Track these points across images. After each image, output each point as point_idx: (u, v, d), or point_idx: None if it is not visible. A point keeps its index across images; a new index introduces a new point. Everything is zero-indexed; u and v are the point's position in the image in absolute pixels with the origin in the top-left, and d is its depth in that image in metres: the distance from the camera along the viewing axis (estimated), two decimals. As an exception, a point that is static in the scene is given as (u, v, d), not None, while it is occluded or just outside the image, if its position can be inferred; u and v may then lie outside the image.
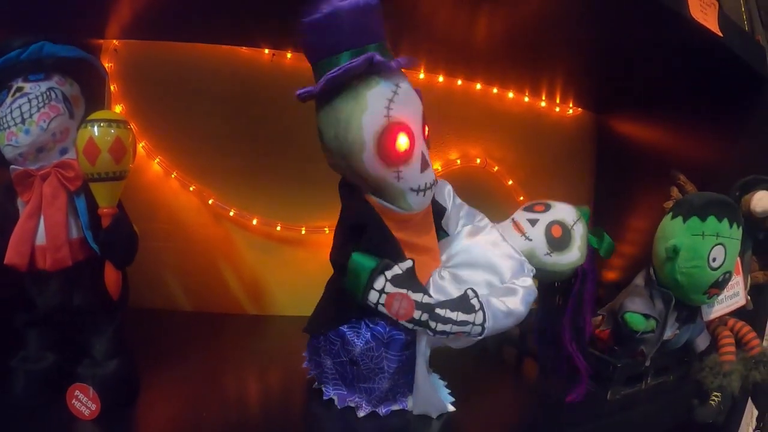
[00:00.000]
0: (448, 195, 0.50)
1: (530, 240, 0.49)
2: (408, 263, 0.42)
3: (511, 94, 0.88)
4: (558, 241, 0.49)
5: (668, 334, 0.55)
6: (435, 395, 0.46)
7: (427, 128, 0.43)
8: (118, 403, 0.42)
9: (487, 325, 0.41)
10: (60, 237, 0.42)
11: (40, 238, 0.42)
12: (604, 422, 0.51)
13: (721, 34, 0.58)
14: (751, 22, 0.89)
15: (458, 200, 0.51)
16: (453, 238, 0.48)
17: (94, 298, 0.44)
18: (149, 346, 0.56)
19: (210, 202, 0.73)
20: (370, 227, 0.42)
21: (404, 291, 0.40)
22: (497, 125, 0.88)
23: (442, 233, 0.49)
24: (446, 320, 0.40)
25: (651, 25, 0.57)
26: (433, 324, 0.41)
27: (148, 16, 0.62)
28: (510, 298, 0.44)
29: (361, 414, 0.45)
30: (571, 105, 0.94)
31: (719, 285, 0.52)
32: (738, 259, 0.59)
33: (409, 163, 0.40)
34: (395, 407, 0.46)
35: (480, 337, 0.42)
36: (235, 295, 0.76)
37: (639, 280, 0.56)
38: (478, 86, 0.85)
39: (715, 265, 0.51)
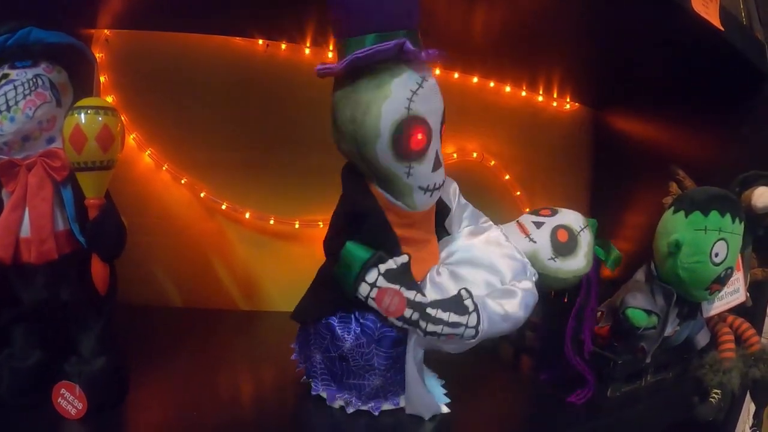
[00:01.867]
0: (453, 194, 0.49)
1: (534, 242, 0.47)
2: (404, 258, 0.41)
3: (508, 88, 0.87)
4: (563, 246, 0.47)
5: (669, 330, 0.55)
6: (427, 396, 0.44)
7: (444, 126, 0.42)
8: (106, 402, 0.41)
9: (481, 327, 0.40)
10: (45, 229, 0.41)
11: (25, 231, 0.41)
12: (604, 419, 0.51)
13: (722, 28, 0.58)
14: (750, 19, 0.89)
15: (463, 200, 0.50)
16: (454, 237, 0.48)
17: (81, 292, 0.42)
18: (139, 342, 0.55)
19: (202, 195, 0.73)
20: (371, 218, 0.41)
21: (397, 287, 0.39)
22: (494, 119, 0.87)
23: (443, 233, 0.48)
24: (437, 321, 0.39)
25: (652, 17, 0.57)
26: (423, 324, 0.39)
27: (140, 6, 0.61)
28: (508, 300, 0.42)
29: (350, 411, 0.44)
30: (568, 99, 0.94)
31: (721, 281, 0.52)
32: (739, 255, 0.58)
33: (422, 161, 0.39)
34: (387, 406, 0.45)
35: (473, 341, 0.41)
36: (227, 291, 0.76)
37: (640, 275, 0.56)
38: (475, 80, 0.84)
39: (717, 260, 0.50)
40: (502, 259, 0.45)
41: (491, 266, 0.44)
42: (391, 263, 0.40)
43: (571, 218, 0.49)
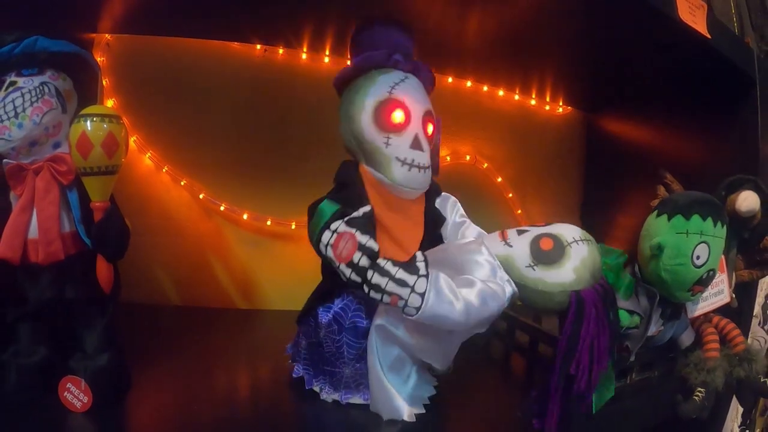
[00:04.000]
0: (451, 207, 0.50)
1: (510, 246, 0.43)
2: (367, 207, 0.43)
3: (501, 92, 0.89)
4: (545, 254, 0.42)
5: (653, 330, 0.55)
6: (388, 397, 0.43)
7: (431, 126, 0.47)
8: (110, 396, 0.43)
9: (427, 297, 0.37)
10: (52, 231, 0.42)
11: (33, 232, 0.42)
12: (588, 416, 0.52)
13: (709, 36, 0.59)
14: (741, 24, 0.90)
15: (463, 215, 0.50)
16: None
17: (85, 291, 0.44)
18: (140, 340, 0.57)
19: (201, 196, 0.74)
20: (351, 186, 0.45)
21: (353, 230, 0.40)
22: (487, 123, 0.89)
23: (439, 241, 0.49)
24: (384, 272, 0.38)
25: (640, 25, 0.58)
26: (369, 274, 0.38)
27: (140, 11, 0.62)
28: (465, 288, 0.39)
29: (323, 397, 0.46)
30: (560, 103, 0.95)
31: (703, 282, 0.52)
32: (722, 257, 0.59)
33: (400, 135, 0.45)
34: (356, 399, 0.46)
35: (415, 314, 0.37)
36: (225, 290, 0.77)
37: None
38: (469, 84, 0.86)
39: (698, 262, 0.51)
40: (471, 258, 0.42)
41: (460, 266, 0.42)
42: (356, 213, 0.42)
43: (564, 230, 0.44)
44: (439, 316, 0.38)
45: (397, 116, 0.44)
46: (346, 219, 0.41)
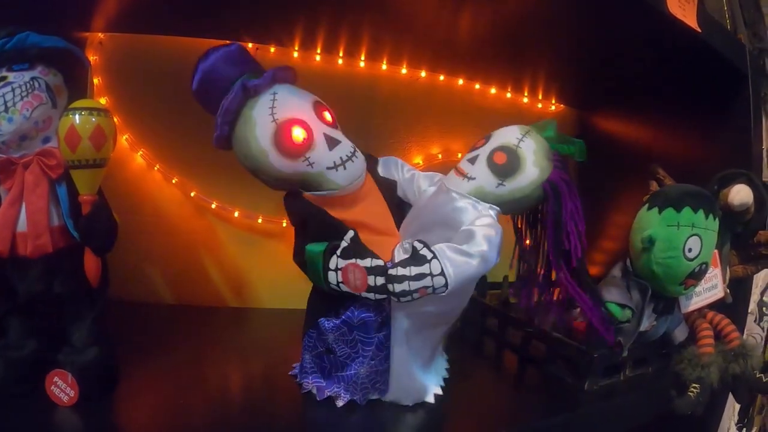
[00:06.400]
0: (395, 167, 0.52)
1: (473, 179, 0.44)
2: (350, 233, 0.43)
3: (493, 90, 0.89)
4: (505, 167, 0.44)
5: (645, 325, 0.55)
6: (413, 381, 0.45)
7: (327, 113, 0.45)
8: (97, 390, 0.43)
9: (447, 272, 0.39)
10: (41, 224, 0.42)
11: (22, 225, 0.42)
12: (582, 411, 0.51)
13: (699, 30, 0.59)
14: (734, 20, 0.91)
15: (409, 169, 0.52)
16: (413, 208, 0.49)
17: (74, 284, 0.44)
18: (131, 337, 0.57)
19: (192, 194, 0.74)
20: (311, 218, 0.44)
21: (353, 261, 0.41)
22: (479, 121, 0.88)
23: (405, 206, 0.50)
24: (402, 278, 0.39)
25: (628, 20, 0.58)
26: (391, 287, 0.40)
27: (133, 10, 0.62)
28: (467, 241, 0.41)
29: (340, 404, 0.45)
30: (553, 101, 0.95)
31: (695, 276, 0.52)
32: (716, 251, 0.59)
33: (314, 148, 0.43)
34: (373, 396, 0.46)
35: (447, 289, 0.40)
36: (216, 288, 0.77)
37: (616, 271, 0.57)
38: (461, 82, 0.86)
39: (690, 255, 0.51)
40: (450, 209, 0.44)
41: (445, 222, 0.44)
42: (344, 243, 0.42)
43: (505, 135, 0.46)
44: (467, 278, 0.41)
45: (298, 134, 0.42)
46: (339, 253, 0.42)
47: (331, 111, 0.46)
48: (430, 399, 0.47)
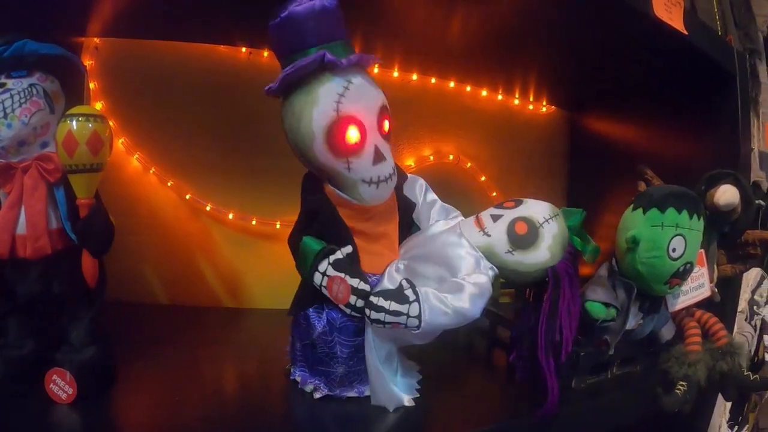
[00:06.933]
0: (419, 190, 0.52)
1: (489, 236, 0.45)
2: (348, 249, 0.43)
3: (484, 92, 0.89)
4: (522, 238, 0.44)
5: (632, 323, 0.55)
6: (388, 388, 0.45)
7: (387, 122, 0.44)
8: (95, 388, 0.44)
9: (424, 317, 0.40)
10: (40, 226, 0.43)
11: (21, 228, 0.43)
12: (569, 410, 0.51)
13: (686, 33, 0.60)
14: (724, 21, 0.91)
15: (432, 196, 0.52)
16: (420, 232, 0.50)
17: (72, 285, 0.45)
18: (128, 338, 0.57)
19: (187, 197, 0.75)
20: (321, 214, 0.44)
21: (342, 275, 0.42)
22: (471, 122, 0.89)
23: (414, 227, 0.51)
24: (379, 308, 0.40)
25: (616, 22, 0.59)
26: (367, 312, 0.41)
27: (128, 15, 0.63)
28: (455, 294, 0.42)
29: (317, 396, 0.46)
30: (544, 103, 0.96)
31: (680, 275, 0.52)
32: (702, 251, 0.60)
33: (360, 155, 0.42)
34: (351, 393, 0.47)
35: (418, 330, 0.41)
36: (212, 289, 0.78)
37: (602, 270, 0.57)
38: (452, 84, 0.86)
39: (675, 255, 0.51)
40: (455, 254, 0.44)
41: (445, 261, 0.44)
42: (339, 254, 0.43)
43: (534, 210, 0.46)
44: (440, 326, 0.42)
45: (353, 135, 0.41)
46: (332, 261, 0.42)
47: (391, 119, 0.45)
48: (406, 403, 0.46)
